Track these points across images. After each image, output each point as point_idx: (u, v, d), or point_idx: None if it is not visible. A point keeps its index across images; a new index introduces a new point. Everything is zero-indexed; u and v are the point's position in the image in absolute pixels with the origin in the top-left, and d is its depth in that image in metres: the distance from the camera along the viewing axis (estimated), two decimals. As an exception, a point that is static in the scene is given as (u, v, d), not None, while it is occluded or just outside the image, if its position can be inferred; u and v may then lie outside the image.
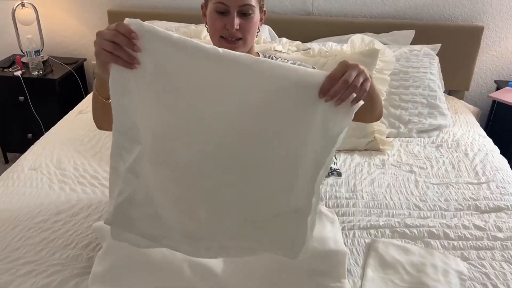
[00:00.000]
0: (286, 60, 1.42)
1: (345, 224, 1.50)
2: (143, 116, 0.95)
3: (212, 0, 1.24)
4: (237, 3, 1.22)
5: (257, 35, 1.33)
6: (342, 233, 1.44)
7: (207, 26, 1.31)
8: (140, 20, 0.87)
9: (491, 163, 1.89)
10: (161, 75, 0.91)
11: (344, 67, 0.89)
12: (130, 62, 0.88)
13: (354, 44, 2.06)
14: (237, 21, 1.23)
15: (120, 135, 0.96)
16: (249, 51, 1.33)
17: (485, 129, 2.38)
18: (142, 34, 0.87)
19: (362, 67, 0.90)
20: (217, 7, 1.23)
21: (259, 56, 1.40)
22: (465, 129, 2.21)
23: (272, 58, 1.39)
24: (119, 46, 0.86)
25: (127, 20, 0.87)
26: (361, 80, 0.89)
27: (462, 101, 2.57)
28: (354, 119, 0.93)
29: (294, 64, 1.34)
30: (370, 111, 1.14)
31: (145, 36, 0.88)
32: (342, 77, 0.87)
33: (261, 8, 1.30)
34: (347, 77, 0.87)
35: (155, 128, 0.96)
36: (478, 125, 2.29)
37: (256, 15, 1.27)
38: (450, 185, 1.75)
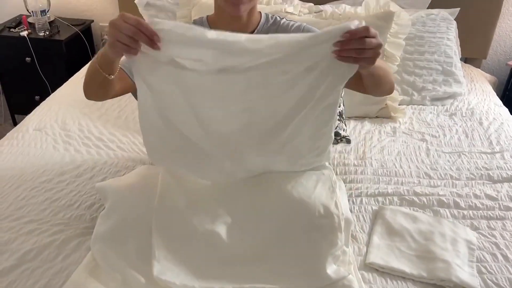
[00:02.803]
0: (294, 22, 1.32)
1: (353, 191, 1.47)
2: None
3: None
4: None
5: None
6: (349, 200, 1.41)
7: None
8: (159, 20, 0.88)
9: (506, 132, 1.83)
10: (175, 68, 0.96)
11: (367, 32, 0.87)
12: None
13: (368, 6, 1.97)
14: None
15: None
16: (251, 11, 1.24)
17: (502, 99, 2.30)
18: (159, 32, 0.89)
19: (380, 41, 0.90)
20: None
21: (261, 16, 1.31)
22: (481, 97, 2.14)
23: (277, 19, 1.31)
24: (137, 42, 0.88)
25: (148, 21, 0.88)
26: (371, 53, 0.89)
27: (479, 69, 2.48)
28: (363, 92, 1.10)
29: (300, 25, 1.28)
30: (375, 87, 1.14)
31: (162, 33, 0.90)
32: (362, 39, 0.87)
33: None
34: (364, 42, 0.87)
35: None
36: (495, 94, 2.21)
37: None
38: (463, 154, 1.69)
